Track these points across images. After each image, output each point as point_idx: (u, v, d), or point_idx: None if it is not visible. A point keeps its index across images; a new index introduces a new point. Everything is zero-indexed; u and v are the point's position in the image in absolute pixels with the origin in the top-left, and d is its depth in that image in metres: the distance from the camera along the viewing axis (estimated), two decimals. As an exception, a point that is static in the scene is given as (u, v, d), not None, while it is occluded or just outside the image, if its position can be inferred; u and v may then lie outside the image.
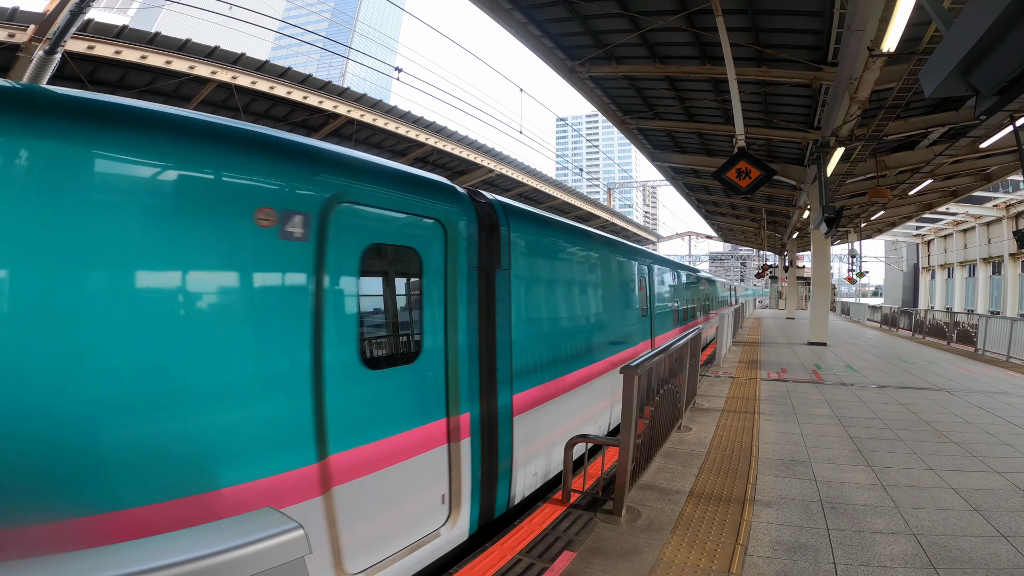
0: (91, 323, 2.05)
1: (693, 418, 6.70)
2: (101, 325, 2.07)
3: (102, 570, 0.92)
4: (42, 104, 2.12)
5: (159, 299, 2.23)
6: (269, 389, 2.50)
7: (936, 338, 17.90)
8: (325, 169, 2.91)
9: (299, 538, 1.09)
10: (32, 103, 2.10)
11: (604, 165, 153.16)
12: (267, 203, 2.54)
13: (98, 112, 2.25)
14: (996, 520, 3.73)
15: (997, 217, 28.24)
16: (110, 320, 2.09)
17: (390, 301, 3.34)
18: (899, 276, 46.80)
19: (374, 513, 2.96)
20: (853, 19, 6.44)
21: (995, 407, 7.47)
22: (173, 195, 2.31)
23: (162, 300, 2.24)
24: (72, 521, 1.92)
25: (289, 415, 2.56)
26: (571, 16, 9.31)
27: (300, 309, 2.64)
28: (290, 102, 14.11)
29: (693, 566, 3.14)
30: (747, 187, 7.95)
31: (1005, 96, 3.14)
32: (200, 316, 2.33)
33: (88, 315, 2.05)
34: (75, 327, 2.02)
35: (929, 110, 11.57)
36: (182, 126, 2.47)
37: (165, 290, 2.26)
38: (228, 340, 2.38)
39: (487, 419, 3.89)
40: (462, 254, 3.70)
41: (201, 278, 2.37)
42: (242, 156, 2.58)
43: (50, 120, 2.06)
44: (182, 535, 1.12)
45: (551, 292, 5.21)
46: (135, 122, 2.32)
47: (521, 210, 4.83)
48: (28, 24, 9.51)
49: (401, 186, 3.40)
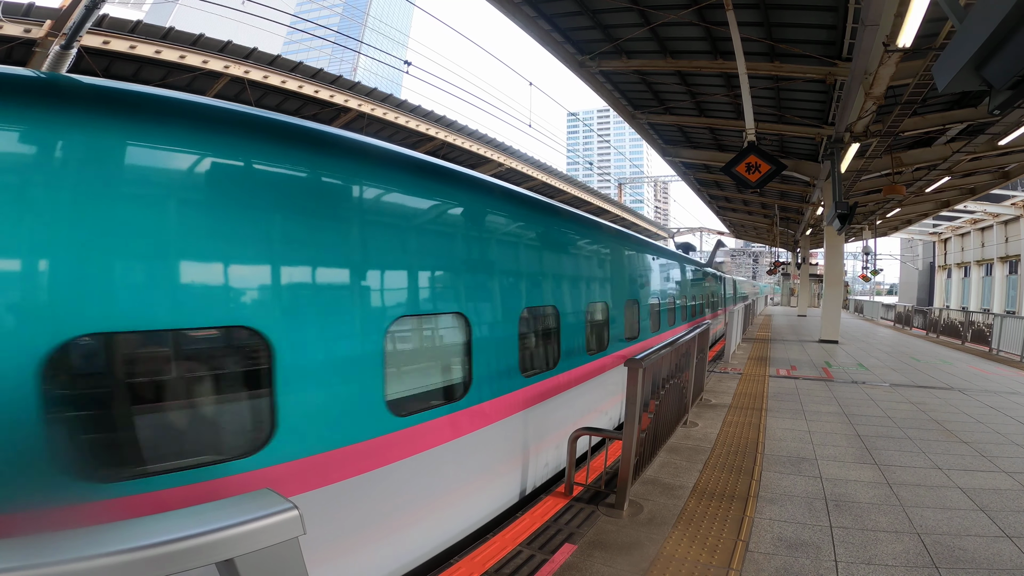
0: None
1: (699, 414, 6.69)
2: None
3: (90, 548, 0.95)
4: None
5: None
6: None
7: (950, 337, 17.66)
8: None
9: (293, 518, 1.12)
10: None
11: (615, 160, 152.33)
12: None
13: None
14: (1002, 520, 3.70)
15: (1015, 215, 27.69)
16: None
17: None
18: (914, 274, 46.09)
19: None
20: (868, 14, 6.35)
21: (1007, 407, 7.37)
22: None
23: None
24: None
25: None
26: (581, 10, 9.26)
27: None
28: (302, 96, 14.19)
29: (693, 561, 3.16)
30: (756, 182, 7.88)
31: (1019, 91, 3.08)
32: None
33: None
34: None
35: (947, 106, 11.36)
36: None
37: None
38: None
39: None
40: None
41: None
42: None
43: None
44: (177, 514, 1.16)
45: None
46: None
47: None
48: (44, 20, 9.64)
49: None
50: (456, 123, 18.49)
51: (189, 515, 1.16)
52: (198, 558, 1.03)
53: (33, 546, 0.93)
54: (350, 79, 15.02)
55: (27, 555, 0.90)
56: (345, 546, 2.83)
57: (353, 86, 14.94)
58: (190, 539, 1.03)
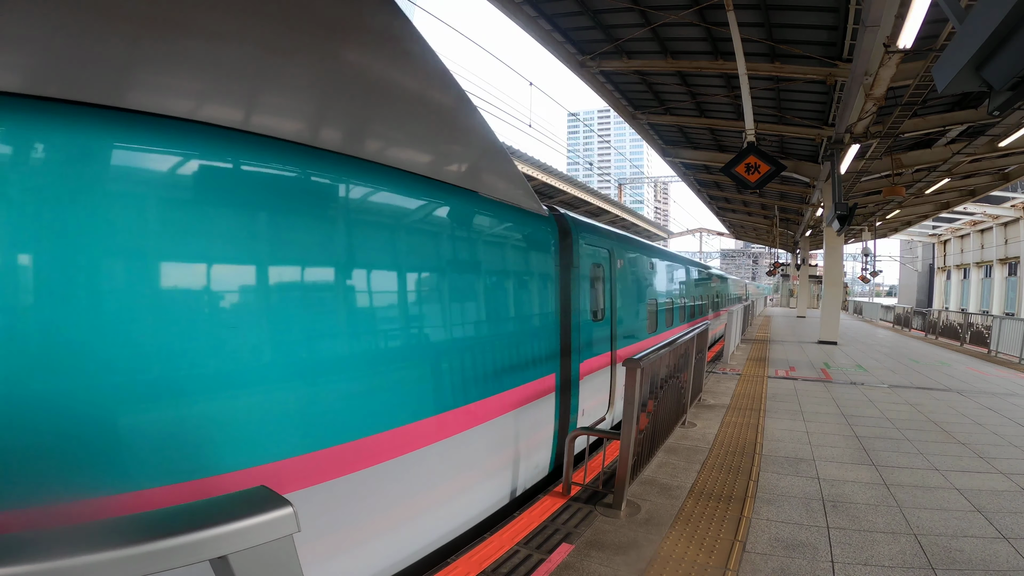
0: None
1: (698, 414, 6.69)
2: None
3: (82, 544, 0.95)
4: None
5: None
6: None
7: (949, 339, 17.67)
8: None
9: (288, 516, 1.12)
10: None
11: (615, 161, 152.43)
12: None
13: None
14: (998, 521, 3.70)
15: (1015, 217, 27.72)
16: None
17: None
18: (914, 276, 46.14)
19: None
20: (868, 15, 6.36)
21: (1005, 408, 7.37)
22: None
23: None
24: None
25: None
26: (582, 10, 9.27)
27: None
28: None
29: (690, 561, 3.16)
30: (756, 182, 7.89)
31: (1018, 92, 3.08)
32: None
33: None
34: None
35: (947, 108, 11.38)
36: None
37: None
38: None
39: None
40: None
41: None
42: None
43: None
44: (172, 511, 1.16)
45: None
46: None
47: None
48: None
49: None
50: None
51: (183, 512, 1.16)
52: (192, 554, 1.03)
53: (23, 543, 0.93)
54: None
55: (17, 552, 0.89)
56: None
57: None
58: (184, 535, 1.03)
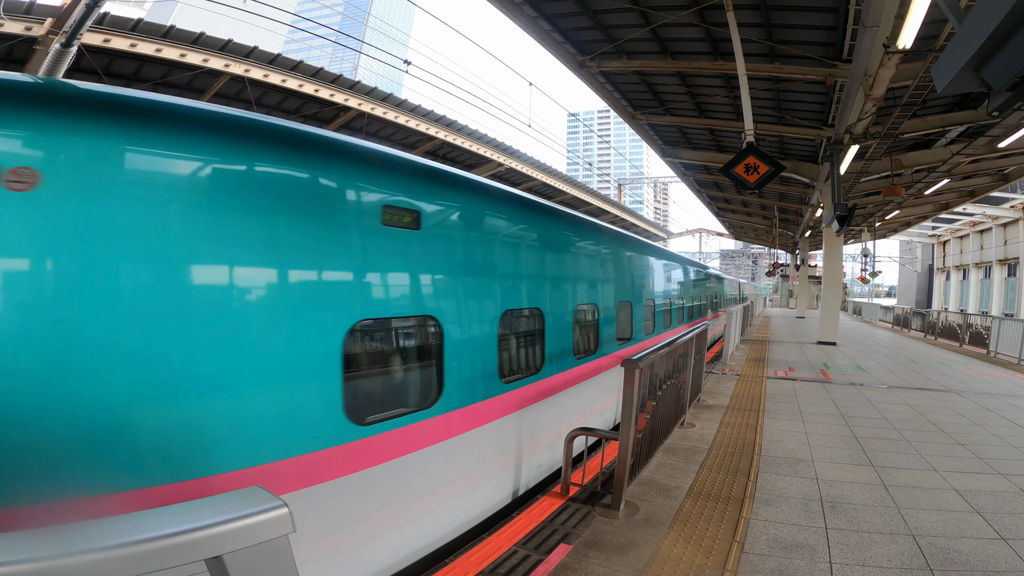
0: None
1: (697, 415, 6.69)
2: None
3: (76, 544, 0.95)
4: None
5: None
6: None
7: (948, 339, 17.67)
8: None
9: (283, 516, 1.12)
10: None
11: (615, 161, 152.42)
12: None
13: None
14: (997, 522, 3.70)
15: (1014, 218, 27.71)
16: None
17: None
18: (913, 277, 46.12)
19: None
20: (868, 15, 6.36)
21: (1004, 409, 7.37)
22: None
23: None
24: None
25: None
26: (581, 11, 9.27)
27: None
28: (302, 95, 14.19)
29: (688, 562, 3.16)
30: (755, 182, 7.89)
31: (1018, 92, 3.08)
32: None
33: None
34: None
35: (947, 108, 11.37)
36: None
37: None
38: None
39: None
40: None
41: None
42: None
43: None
44: (166, 511, 1.16)
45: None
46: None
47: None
48: (45, 17, 9.64)
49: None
50: (456, 123, 18.49)
51: (178, 511, 1.16)
52: (186, 554, 1.03)
53: (15, 541, 0.93)
54: (351, 78, 15.02)
55: (8, 551, 0.89)
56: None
57: (353, 85, 14.94)
58: (178, 535, 1.03)
